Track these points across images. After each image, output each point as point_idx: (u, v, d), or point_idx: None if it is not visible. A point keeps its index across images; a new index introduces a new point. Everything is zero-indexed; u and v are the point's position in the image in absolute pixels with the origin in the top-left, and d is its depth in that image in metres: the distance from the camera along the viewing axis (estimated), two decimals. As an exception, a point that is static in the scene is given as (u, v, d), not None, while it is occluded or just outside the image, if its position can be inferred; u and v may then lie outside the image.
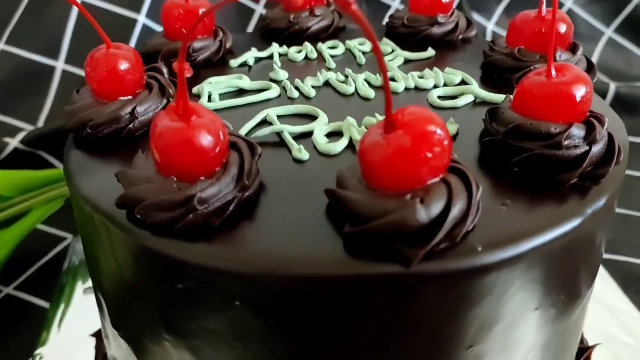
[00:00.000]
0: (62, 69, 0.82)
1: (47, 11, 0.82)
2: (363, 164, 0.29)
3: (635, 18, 1.00)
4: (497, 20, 0.98)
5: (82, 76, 0.81)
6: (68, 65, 0.82)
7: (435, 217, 0.28)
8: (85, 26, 0.81)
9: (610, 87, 0.90)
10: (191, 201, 0.30)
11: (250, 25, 0.90)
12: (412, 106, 0.29)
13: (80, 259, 0.66)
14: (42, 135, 0.76)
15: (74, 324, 0.57)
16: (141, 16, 0.82)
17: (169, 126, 0.30)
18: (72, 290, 0.61)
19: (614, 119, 0.40)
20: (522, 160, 0.33)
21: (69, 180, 0.37)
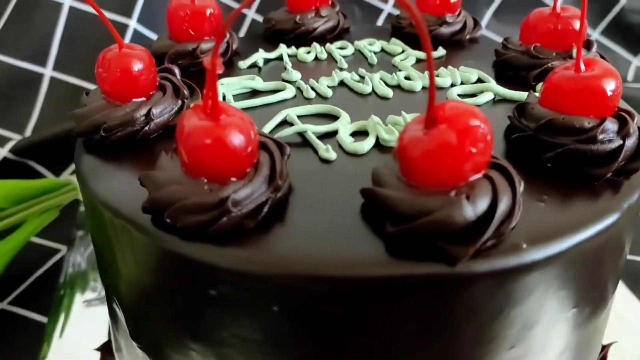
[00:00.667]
0: (50, 76, 0.80)
1: (34, 16, 0.79)
2: (403, 161, 0.29)
3: (621, 20, 1.01)
4: (486, 23, 0.98)
5: (72, 83, 0.79)
6: (56, 72, 0.80)
7: (482, 213, 0.27)
8: (74, 31, 0.79)
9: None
10: (225, 203, 0.28)
11: (242, 30, 0.89)
12: (452, 101, 0.29)
13: (77, 271, 0.64)
14: (32, 145, 0.74)
15: (75, 337, 0.55)
16: (132, 21, 0.80)
17: (198, 125, 0.29)
18: (70, 303, 0.59)
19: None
20: (556, 155, 0.33)
21: (83, 185, 0.35)
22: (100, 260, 0.39)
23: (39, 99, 0.80)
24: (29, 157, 0.75)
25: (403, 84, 0.43)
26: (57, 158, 0.76)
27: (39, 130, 0.78)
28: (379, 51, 0.50)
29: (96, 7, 0.37)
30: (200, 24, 0.47)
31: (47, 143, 0.75)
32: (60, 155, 0.76)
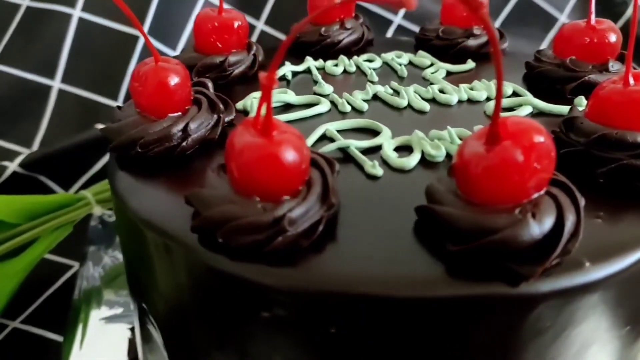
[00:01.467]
0: (58, 88, 0.79)
1: (42, 27, 0.78)
2: (463, 178, 0.28)
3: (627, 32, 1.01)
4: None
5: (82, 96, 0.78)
6: (65, 85, 0.79)
7: (548, 232, 0.26)
8: (84, 43, 0.78)
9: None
10: (280, 222, 0.27)
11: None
12: (513, 116, 0.28)
13: (92, 286, 0.62)
14: (41, 159, 0.72)
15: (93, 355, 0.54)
16: (143, 33, 0.79)
17: (250, 142, 0.28)
18: (86, 321, 0.57)
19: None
20: (609, 170, 0.32)
21: (122, 203, 0.34)
22: (136, 280, 0.38)
23: (47, 112, 0.78)
24: (38, 172, 0.73)
25: (438, 98, 0.42)
26: (67, 172, 0.75)
27: (47, 143, 0.77)
28: (406, 64, 0.50)
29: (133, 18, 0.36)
30: (228, 37, 0.46)
31: (56, 157, 0.74)
32: (70, 168, 0.75)
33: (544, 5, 0.99)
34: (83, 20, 0.78)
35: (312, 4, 0.54)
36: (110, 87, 0.78)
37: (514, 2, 0.98)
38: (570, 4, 1.00)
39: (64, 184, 0.75)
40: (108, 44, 0.79)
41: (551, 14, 0.99)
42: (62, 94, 0.79)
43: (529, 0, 0.98)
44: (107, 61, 0.78)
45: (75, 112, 0.78)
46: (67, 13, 0.78)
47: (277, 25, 0.87)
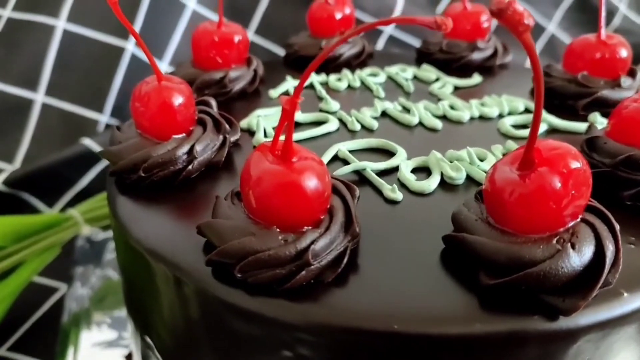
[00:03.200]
0: (41, 102, 0.76)
1: (24, 39, 0.75)
2: (495, 205, 0.26)
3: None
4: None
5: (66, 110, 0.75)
6: (48, 98, 0.76)
7: (588, 262, 0.25)
8: (68, 55, 0.75)
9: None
10: (304, 255, 0.26)
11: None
12: (546, 140, 0.27)
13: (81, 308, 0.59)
14: (25, 176, 0.69)
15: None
16: (130, 44, 0.76)
17: (269, 169, 0.26)
18: (77, 344, 0.55)
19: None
20: (638, 192, 0.31)
21: (124, 231, 0.32)
22: (138, 311, 0.35)
23: (30, 127, 0.75)
24: (21, 189, 0.70)
25: (450, 115, 0.41)
26: (51, 189, 0.72)
27: (31, 159, 0.74)
28: (412, 78, 0.48)
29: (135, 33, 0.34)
30: (228, 51, 0.44)
31: (40, 173, 0.71)
32: (55, 185, 0.72)
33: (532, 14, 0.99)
34: (67, 32, 0.75)
35: (312, 16, 0.52)
36: (95, 100, 0.76)
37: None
38: (558, 14, 1.00)
39: (49, 201, 0.72)
40: (93, 55, 0.76)
41: (539, 23, 0.99)
42: (45, 108, 0.76)
43: None
44: (92, 73, 0.76)
45: (60, 126, 0.75)
46: (51, 24, 0.75)
47: (268, 35, 0.85)
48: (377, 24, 0.24)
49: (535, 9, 0.99)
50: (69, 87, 0.76)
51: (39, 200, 0.72)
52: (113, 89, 0.76)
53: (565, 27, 1.01)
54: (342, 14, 0.52)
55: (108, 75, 0.76)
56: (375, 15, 0.87)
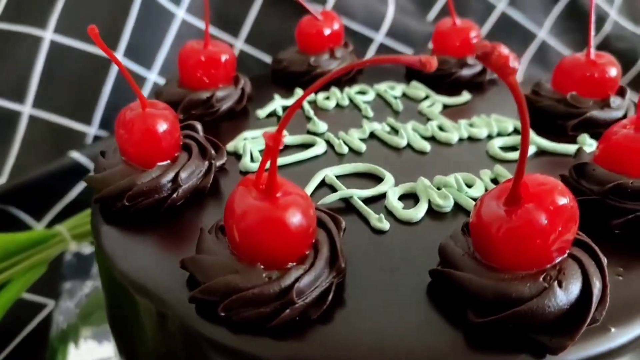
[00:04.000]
0: (29, 114, 0.75)
1: (10, 49, 0.74)
2: (482, 240, 0.26)
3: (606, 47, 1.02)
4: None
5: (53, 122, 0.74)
6: (36, 110, 0.75)
7: (575, 300, 0.25)
8: (55, 66, 0.75)
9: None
10: (288, 294, 0.25)
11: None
12: (533, 174, 0.26)
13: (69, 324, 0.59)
14: (12, 189, 0.69)
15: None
16: (118, 55, 0.76)
17: (253, 205, 0.26)
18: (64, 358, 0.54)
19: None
20: (626, 221, 0.31)
21: (108, 262, 0.31)
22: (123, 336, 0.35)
23: (17, 139, 0.74)
24: (8, 203, 0.69)
25: (438, 136, 0.41)
26: (39, 202, 0.71)
27: (18, 172, 0.73)
28: (400, 96, 0.48)
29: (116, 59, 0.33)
30: (215, 71, 0.44)
31: (27, 187, 0.70)
32: (42, 199, 0.71)
33: (522, 21, 0.99)
34: (54, 43, 0.75)
35: (301, 32, 0.52)
36: (83, 112, 0.75)
37: (494, 19, 0.98)
38: (549, 21, 1.00)
39: (36, 215, 0.72)
40: (81, 67, 0.75)
41: (530, 30, 0.99)
42: (32, 120, 0.75)
43: (508, 17, 0.98)
44: (80, 85, 0.75)
45: (47, 138, 0.74)
46: (38, 35, 0.74)
47: (258, 44, 0.85)
48: (362, 63, 0.23)
49: (526, 15, 0.99)
50: (56, 98, 0.75)
51: (26, 214, 0.71)
52: (101, 100, 0.75)
53: (556, 33, 1.01)
54: (331, 30, 0.51)
55: (96, 86, 0.75)
56: (366, 24, 0.87)
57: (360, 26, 0.86)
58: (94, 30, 0.31)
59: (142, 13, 0.76)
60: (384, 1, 0.88)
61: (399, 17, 0.88)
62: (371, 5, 0.86)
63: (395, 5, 0.87)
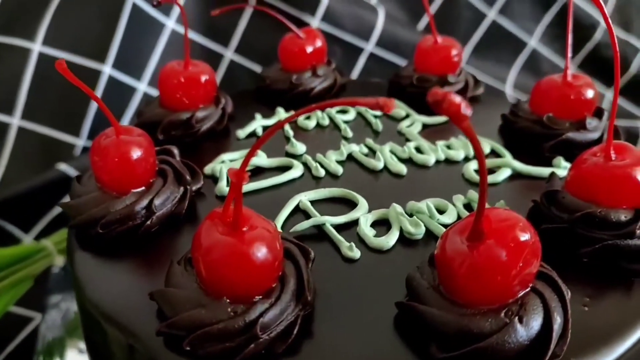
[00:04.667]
0: (18, 126, 0.75)
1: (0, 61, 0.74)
2: (446, 276, 0.26)
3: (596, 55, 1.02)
4: (466, 60, 0.98)
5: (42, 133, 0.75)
6: (25, 122, 0.75)
7: (535, 335, 0.25)
8: (43, 78, 0.75)
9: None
10: (252, 328, 0.26)
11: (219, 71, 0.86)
12: (496, 209, 0.27)
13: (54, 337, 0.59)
14: (1, 202, 0.69)
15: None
16: (106, 67, 0.76)
17: (219, 240, 0.26)
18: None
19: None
20: (594, 250, 0.31)
21: (82, 292, 0.32)
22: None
23: (6, 151, 0.75)
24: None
25: (415, 158, 0.41)
26: (27, 214, 0.71)
27: (7, 184, 0.73)
28: (381, 115, 0.48)
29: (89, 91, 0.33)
30: (195, 92, 0.44)
31: (15, 198, 0.70)
32: (30, 211, 0.71)
33: (513, 30, 0.99)
34: (43, 55, 0.75)
35: (283, 50, 0.52)
36: (72, 123, 0.75)
37: (485, 27, 0.98)
38: (539, 29, 1.00)
39: (24, 227, 0.72)
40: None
41: (520, 38, 0.99)
42: (21, 132, 0.75)
43: (499, 25, 0.98)
44: (68, 96, 0.75)
45: (36, 150, 0.74)
46: (26, 47, 0.74)
47: (248, 54, 0.85)
48: (319, 107, 0.23)
49: (516, 24, 0.99)
50: (45, 110, 0.75)
51: (14, 226, 0.72)
52: (90, 112, 0.75)
53: (546, 41, 1.01)
54: (313, 48, 0.51)
55: (84, 98, 0.75)
56: (355, 34, 0.87)
57: (350, 36, 0.86)
58: (62, 64, 0.31)
59: (132, 24, 0.76)
60: (373, 11, 0.88)
61: (388, 27, 0.88)
62: (360, 15, 0.87)
63: (385, 15, 0.88)
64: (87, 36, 0.75)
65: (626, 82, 1.04)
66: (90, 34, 0.75)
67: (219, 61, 0.85)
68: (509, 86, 1.00)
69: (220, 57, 0.85)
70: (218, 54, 0.84)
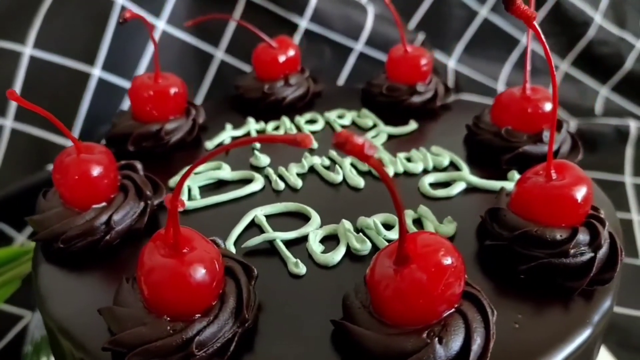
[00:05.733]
0: (11, 128, 0.77)
1: (-8, 65, 0.76)
2: (374, 298, 0.28)
3: (590, 52, 1.02)
4: (458, 57, 0.99)
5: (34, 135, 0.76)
6: (18, 123, 0.77)
7: (455, 355, 0.26)
8: (34, 81, 0.77)
9: (570, 124, 0.91)
10: (189, 346, 0.27)
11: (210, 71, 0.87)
12: (424, 233, 0.28)
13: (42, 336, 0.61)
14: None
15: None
16: (96, 70, 0.77)
17: (159, 262, 0.28)
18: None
19: (603, 202, 0.40)
20: (529, 268, 0.32)
21: (42, 304, 0.33)
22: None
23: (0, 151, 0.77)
24: (-10, 217, 0.72)
25: (374, 171, 0.42)
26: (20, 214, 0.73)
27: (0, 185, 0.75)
28: (349, 124, 0.49)
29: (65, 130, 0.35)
30: (164, 105, 0.45)
31: (9, 198, 0.72)
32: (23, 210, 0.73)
33: (505, 27, 0.99)
34: (34, 58, 0.77)
35: (256, 59, 0.53)
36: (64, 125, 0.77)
37: (477, 24, 0.98)
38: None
39: (17, 226, 0.74)
40: (59, 81, 0.77)
41: (513, 35, 0.99)
42: (15, 133, 0.77)
43: (491, 23, 0.98)
44: (59, 99, 0.77)
45: (29, 151, 0.76)
46: (18, 51, 0.76)
47: (238, 54, 0.86)
48: (238, 144, 0.25)
49: (509, 21, 0.99)
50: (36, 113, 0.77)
51: (7, 226, 0.74)
52: (80, 114, 0.77)
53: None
54: (286, 57, 0.52)
55: (75, 100, 0.77)
56: (345, 34, 0.88)
57: (339, 36, 0.87)
58: (13, 94, 0.33)
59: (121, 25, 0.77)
60: (362, 10, 0.88)
61: (378, 26, 0.89)
62: (349, 15, 0.87)
63: (374, 14, 0.88)
64: (77, 39, 0.77)
65: (620, 79, 1.03)
66: (80, 37, 0.77)
67: (210, 61, 0.86)
68: (501, 84, 1.00)
69: (210, 57, 0.86)
70: (208, 54, 0.85)
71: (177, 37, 0.83)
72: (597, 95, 1.04)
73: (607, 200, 0.41)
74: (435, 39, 0.96)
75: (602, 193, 0.42)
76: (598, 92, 1.04)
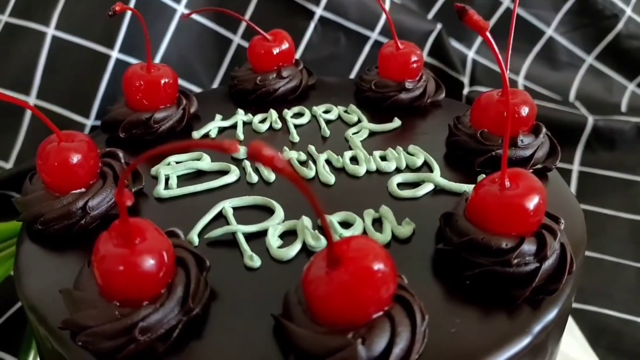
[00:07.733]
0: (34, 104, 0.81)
1: (16, 45, 0.80)
2: (307, 297, 0.29)
3: (617, 46, 0.99)
4: (477, 49, 0.97)
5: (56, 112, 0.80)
6: (40, 101, 0.81)
7: (378, 355, 0.27)
8: (56, 61, 0.80)
9: (588, 120, 0.89)
10: (133, 330, 0.29)
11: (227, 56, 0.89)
12: (358, 237, 0.29)
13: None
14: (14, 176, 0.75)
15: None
16: (114, 52, 0.80)
17: (111, 252, 0.30)
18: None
19: (572, 210, 0.40)
20: (474, 275, 0.33)
21: (18, 280, 0.36)
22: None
23: (22, 129, 0.81)
24: (10, 188, 0.76)
25: (348, 168, 0.43)
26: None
27: (22, 159, 0.79)
28: (335, 119, 0.50)
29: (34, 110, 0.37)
30: (155, 94, 0.47)
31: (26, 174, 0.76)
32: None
33: (530, 18, 0.97)
34: (56, 38, 0.80)
35: (251, 51, 0.55)
36: (82, 104, 0.80)
37: (499, 13, 0.97)
38: (557, 18, 0.98)
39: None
40: (80, 61, 0.80)
41: (538, 27, 0.97)
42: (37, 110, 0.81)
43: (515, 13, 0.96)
44: (79, 79, 0.80)
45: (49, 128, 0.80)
46: (42, 31, 0.80)
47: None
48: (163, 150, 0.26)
49: (533, 11, 0.97)
50: (58, 91, 0.81)
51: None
52: (99, 93, 0.80)
53: (563, 31, 0.98)
54: (280, 50, 0.53)
55: (95, 80, 0.80)
56: (360, 24, 0.88)
57: (355, 25, 0.87)
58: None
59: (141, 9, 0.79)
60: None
61: (394, 15, 0.88)
62: (365, 3, 0.87)
63: (391, 3, 0.88)
64: (96, 22, 0.80)
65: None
66: (100, 19, 0.79)
67: (228, 47, 0.88)
68: (521, 77, 0.99)
69: (229, 41, 0.88)
70: (227, 39, 0.87)
71: (197, 21, 0.85)
72: (625, 91, 1.01)
73: (579, 209, 0.41)
74: (455, 30, 0.95)
75: (577, 203, 0.41)
76: (626, 87, 1.01)
